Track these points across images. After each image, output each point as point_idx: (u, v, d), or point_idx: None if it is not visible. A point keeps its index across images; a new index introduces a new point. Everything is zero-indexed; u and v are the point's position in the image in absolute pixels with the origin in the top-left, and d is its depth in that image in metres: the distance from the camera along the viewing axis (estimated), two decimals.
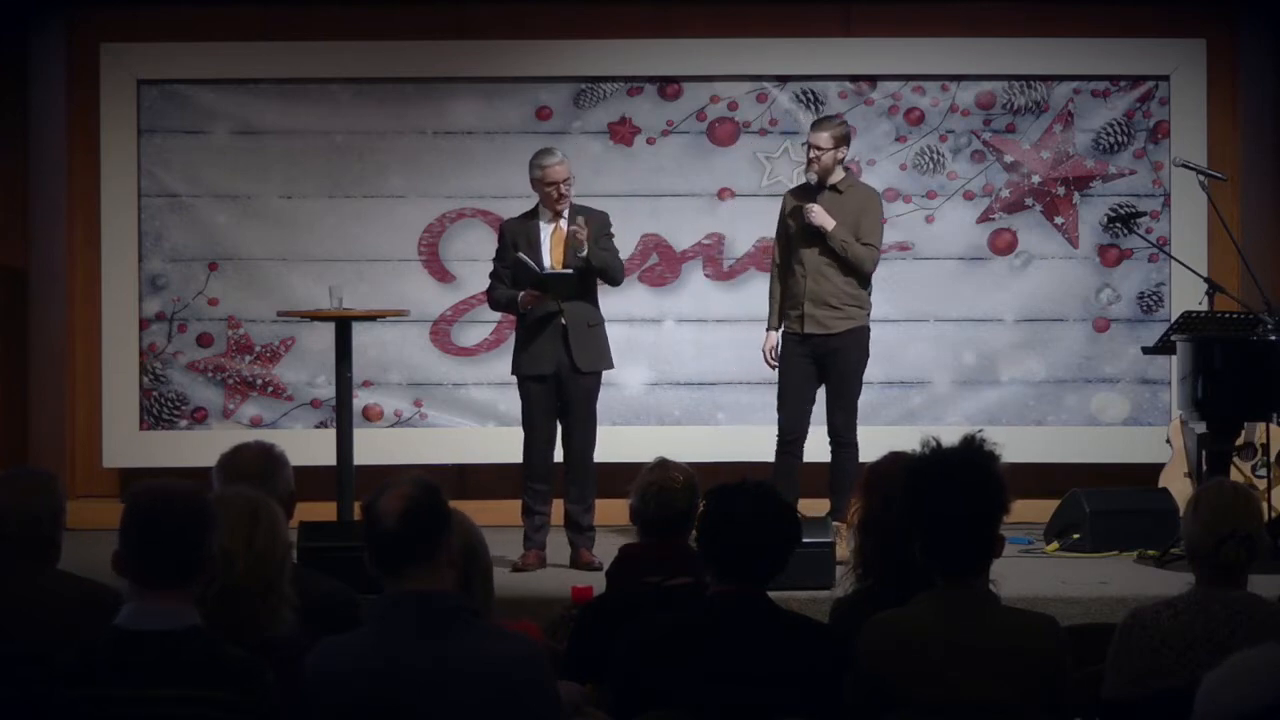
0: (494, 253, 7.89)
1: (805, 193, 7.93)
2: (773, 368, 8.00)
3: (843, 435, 7.82)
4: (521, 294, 7.65)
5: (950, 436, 3.81)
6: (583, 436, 7.76)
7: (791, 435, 7.84)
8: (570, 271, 7.62)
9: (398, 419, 9.43)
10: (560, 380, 7.69)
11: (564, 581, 7.08)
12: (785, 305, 7.90)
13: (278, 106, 9.39)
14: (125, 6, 9.42)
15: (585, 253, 7.61)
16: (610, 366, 7.86)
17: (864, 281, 7.85)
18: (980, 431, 3.81)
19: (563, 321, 7.66)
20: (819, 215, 7.76)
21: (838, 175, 7.87)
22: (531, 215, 7.81)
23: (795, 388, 7.86)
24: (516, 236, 7.76)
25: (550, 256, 7.69)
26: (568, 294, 7.65)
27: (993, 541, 3.74)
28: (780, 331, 7.93)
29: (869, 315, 7.89)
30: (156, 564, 3.35)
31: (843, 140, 7.87)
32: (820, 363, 7.84)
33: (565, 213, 7.72)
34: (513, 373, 7.85)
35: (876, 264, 7.89)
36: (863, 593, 4.23)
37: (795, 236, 7.86)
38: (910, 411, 9.41)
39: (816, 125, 7.93)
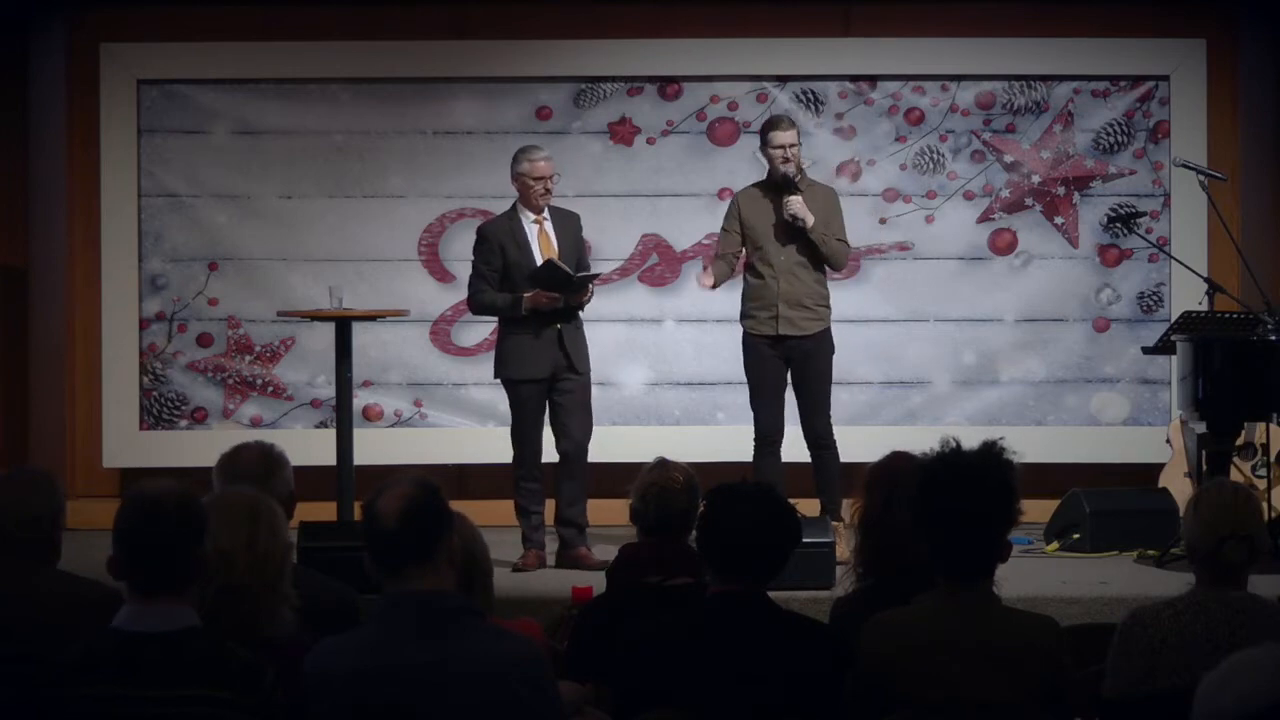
0: (477, 255, 7.78)
1: (766, 192, 7.88)
2: (704, 286, 7.96)
3: (824, 438, 7.83)
4: (528, 294, 7.60)
5: (966, 439, 3.79)
6: (583, 434, 7.77)
7: (772, 436, 7.84)
8: (599, 272, 7.65)
9: (397, 419, 9.43)
10: (556, 381, 7.69)
11: (564, 581, 7.07)
12: (752, 306, 7.87)
13: (278, 106, 9.38)
14: (125, 6, 9.41)
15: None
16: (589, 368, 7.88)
17: (825, 282, 7.85)
18: (1001, 439, 3.79)
19: (557, 325, 7.65)
20: (799, 207, 7.72)
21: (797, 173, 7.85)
22: (512, 216, 7.78)
23: (770, 388, 7.87)
24: (503, 238, 7.70)
25: (540, 257, 7.65)
26: (584, 294, 7.66)
27: (999, 547, 3.74)
28: (745, 331, 7.88)
29: (831, 315, 7.89)
30: (148, 572, 3.35)
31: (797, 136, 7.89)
32: (791, 364, 7.84)
33: (545, 213, 7.72)
34: (497, 376, 7.82)
35: (848, 259, 7.93)
36: (863, 593, 4.23)
37: (767, 236, 7.80)
38: (910, 411, 9.40)
39: (779, 127, 7.79)
